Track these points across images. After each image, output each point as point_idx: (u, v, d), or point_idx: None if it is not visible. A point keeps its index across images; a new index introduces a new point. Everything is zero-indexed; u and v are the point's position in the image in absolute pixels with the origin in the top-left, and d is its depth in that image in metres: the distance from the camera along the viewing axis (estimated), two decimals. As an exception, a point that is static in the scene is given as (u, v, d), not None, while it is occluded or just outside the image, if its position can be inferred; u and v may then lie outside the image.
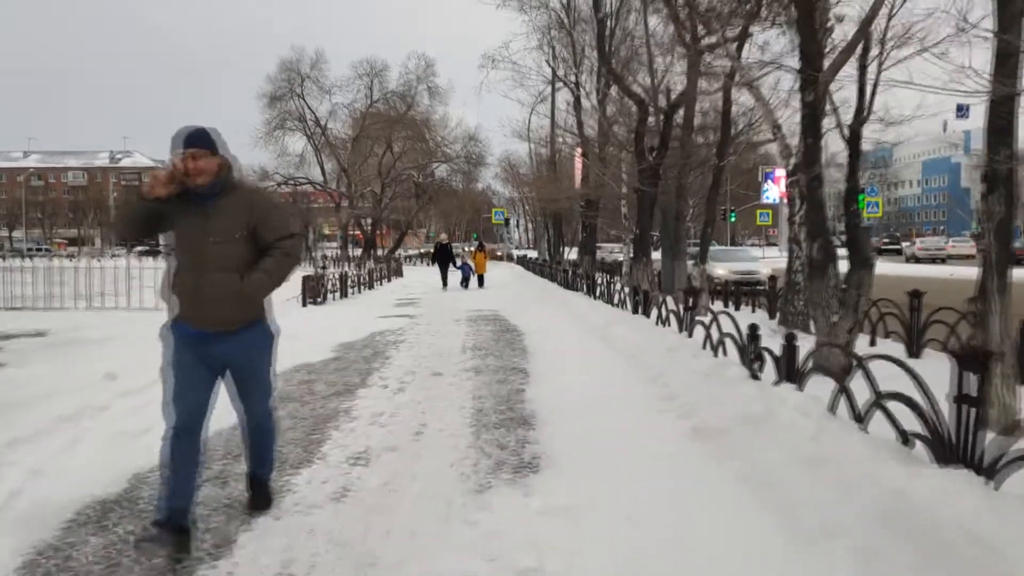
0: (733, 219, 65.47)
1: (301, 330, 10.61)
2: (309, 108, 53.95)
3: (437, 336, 10.59)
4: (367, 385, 6.96)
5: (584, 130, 24.43)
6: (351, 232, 57.92)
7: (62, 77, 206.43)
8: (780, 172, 60.68)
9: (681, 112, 17.53)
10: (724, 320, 6.19)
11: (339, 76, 79.05)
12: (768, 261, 28.27)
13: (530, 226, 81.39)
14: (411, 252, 71.06)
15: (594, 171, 21.64)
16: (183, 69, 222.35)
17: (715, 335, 6.34)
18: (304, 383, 7.07)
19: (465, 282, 22.45)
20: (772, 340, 5.81)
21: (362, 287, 20.84)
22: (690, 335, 7.10)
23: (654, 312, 8.73)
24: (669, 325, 7.98)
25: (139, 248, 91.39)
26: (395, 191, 53.06)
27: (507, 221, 62.93)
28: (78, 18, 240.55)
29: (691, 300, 7.11)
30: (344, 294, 17.94)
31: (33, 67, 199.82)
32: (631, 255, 23.30)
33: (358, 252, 53.62)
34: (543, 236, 39.97)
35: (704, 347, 6.51)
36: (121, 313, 12.98)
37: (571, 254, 33.32)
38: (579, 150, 29.76)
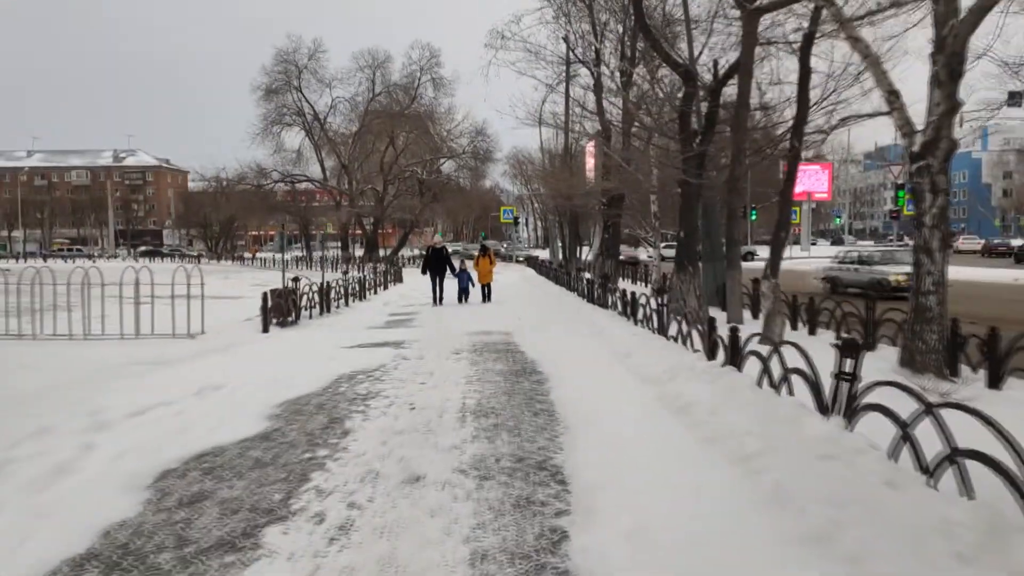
0: (754, 217, 62.67)
1: (240, 375, 7.70)
2: (307, 102, 51.28)
3: (427, 384, 7.62)
4: (288, 513, 4.00)
5: (605, 116, 21.46)
6: (355, 232, 54.96)
7: (67, 76, 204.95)
8: (809, 168, 57.50)
9: (726, 90, 14.63)
10: (954, 420, 3.21)
11: (340, 68, 76.62)
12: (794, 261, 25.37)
13: (539, 225, 78.24)
14: (416, 251, 68.30)
15: (618, 163, 18.64)
16: (188, 67, 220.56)
17: (924, 448, 3.36)
18: (180, 507, 4.11)
19: (463, 294, 18.23)
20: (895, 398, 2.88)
21: (350, 298, 17.91)
22: (849, 423, 4.10)
23: (749, 363, 5.76)
24: (791, 393, 5.00)
25: (142, 248, 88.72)
26: (398, 188, 50.14)
27: (516, 220, 59.73)
28: (82, 17, 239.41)
29: (851, 362, 4.09)
30: (326, 309, 15.01)
31: (37, 66, 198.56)
32: (657, 260, 20.29)
33: (362, 252, 50.80)
34: (556, 236, 36.94)
35: (893, 457, 3.55)
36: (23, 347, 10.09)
37: (588, 255, 30.32)
38: (592, 143, 26.76)
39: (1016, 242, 53.88)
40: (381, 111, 50.52)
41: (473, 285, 18.42)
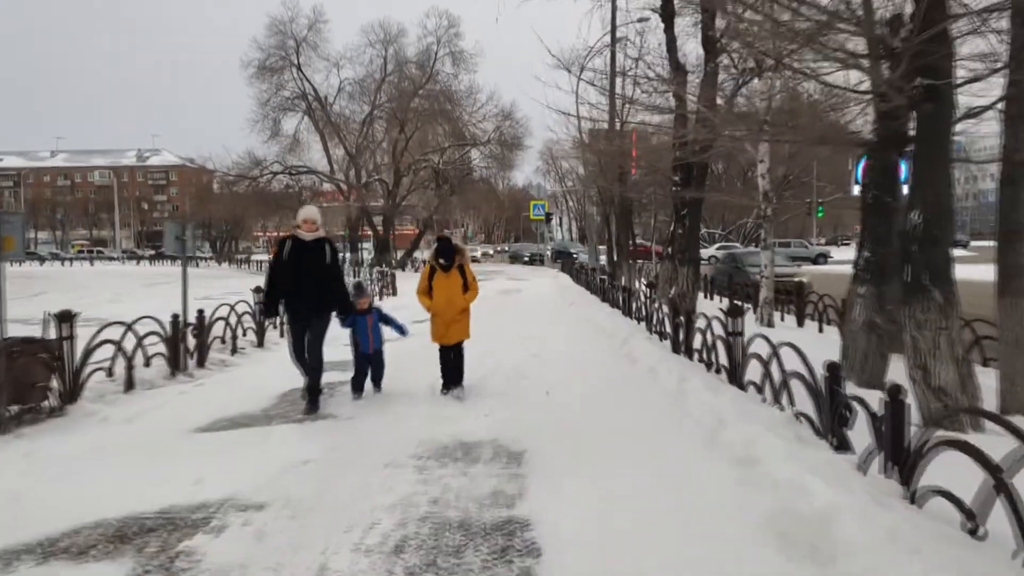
0: (821, 214, 54.56)
1: None
2: (308, 81, 44.49)
3: None
4: None
5: (677, 54, 14.39)
6: (366, 231, 48.22)
7: (92, 76, 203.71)
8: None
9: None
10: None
11: (348, 44, 69.75)
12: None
13: (574, 225, 70.95)
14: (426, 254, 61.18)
15: (704, 113, 11.38)
16: (210, 68, 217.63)
17: None
18: None
19: (370, 369, 7.03)
20: None
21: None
22: None
23: None
24: None
25: (150, 252, 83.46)
26: (412, 180, 43.31)
27: (549, 216, 52.46)
28: (106, 18, 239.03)
29: None
30: (197, 363, 8.08)
31: (62, 66, 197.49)
32: (768, 269, 12.97)
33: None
34: (593, 233, 29.80)
35: None
36: None
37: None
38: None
39: None
40: (394, 92, 43.78)
41: (404, 333, 7.45)
